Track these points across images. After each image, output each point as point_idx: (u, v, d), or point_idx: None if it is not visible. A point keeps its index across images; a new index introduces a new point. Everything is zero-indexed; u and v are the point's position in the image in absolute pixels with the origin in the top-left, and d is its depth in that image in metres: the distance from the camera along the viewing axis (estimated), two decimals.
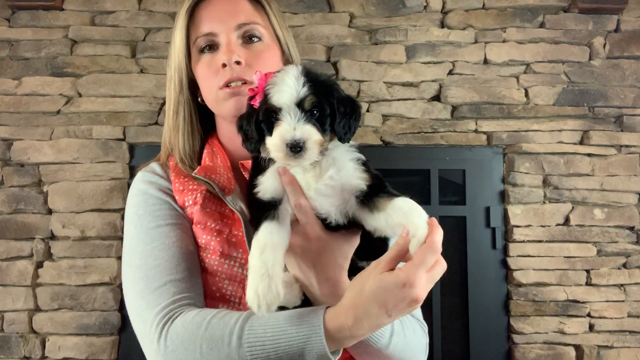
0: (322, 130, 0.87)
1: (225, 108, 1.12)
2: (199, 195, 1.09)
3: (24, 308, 2.49)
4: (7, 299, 2.49)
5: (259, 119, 0.89)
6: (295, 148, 0.83)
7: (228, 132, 1.19)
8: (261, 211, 0.89)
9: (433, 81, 2.70)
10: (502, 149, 2.66)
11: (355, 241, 0.94)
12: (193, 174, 1.09)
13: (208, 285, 1.04)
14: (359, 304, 0.82)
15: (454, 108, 2.68)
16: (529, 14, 2.74)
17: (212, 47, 1.13)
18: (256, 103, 0.89)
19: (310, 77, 0.88)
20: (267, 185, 0.90)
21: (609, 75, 2.70)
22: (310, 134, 0.85)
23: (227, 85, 1.10)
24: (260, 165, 0.93)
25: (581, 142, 2.66)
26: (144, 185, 1.13)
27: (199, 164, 1.15)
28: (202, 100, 1.19)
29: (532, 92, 2.68)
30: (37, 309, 2.50)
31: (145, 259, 1.01)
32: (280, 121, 0.86)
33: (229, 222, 1.08)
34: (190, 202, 1.09)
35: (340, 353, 0.89)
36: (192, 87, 1.18)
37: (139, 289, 0.99)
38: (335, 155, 0.90)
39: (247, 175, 1.06)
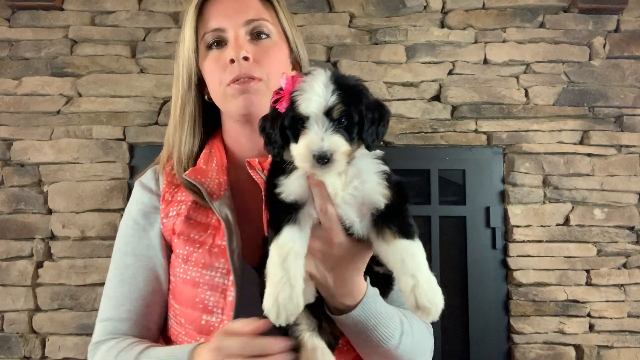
0: (349, 139, 0.84)
1: (233, 106, 1.11)
2: (184, 207, 1.09)
3: (24, 308, 2.49)
4: (7, 299, 2.49)
5: (284, 125, 0.86)
6: (323, 160, 0.81)
7: (234, 131, 1.18)
8: (283, 213, 0.86)
9: (433, 81, 2.70)
10: (502, 149, 2.66)
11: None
12: (183, 176, 1.09)
13: (190, 297, 1.05)
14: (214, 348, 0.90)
15: (454, 108, 2.68)
16: (529, 14, 2.74)
17: (220, 43, 1.12)
18: (281, 107, 0.86)
19: (339, 83, 0.85)
20: (292, 188, 0.88)
21: (609, 75, 2.70)
22: (338, 145, 0.82)
23: (235, 81, 1.09)
24: (281, 167, 0.90)
25: (581, 142, 2.66)
26: (132, 205, 1.18)
27: (194, 166, 1.15)
28: (209, 98, 1.17)
29: (532, 92, 2.68)
30: (37, 309, 2.50)
31: (109, 283, 1.15)
32: (307, 130, 0.83)
33: (213, 232, 1.07)
34: (175, 213, 1.10)
35: None
36: (199, 85, 1.17)
37: (100, 308, 1.15)
38: (361, 166, 0.88)
39: (253, 174, 1.05)
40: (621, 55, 2.72)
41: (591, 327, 2.55)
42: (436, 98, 2.69)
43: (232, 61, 1.08)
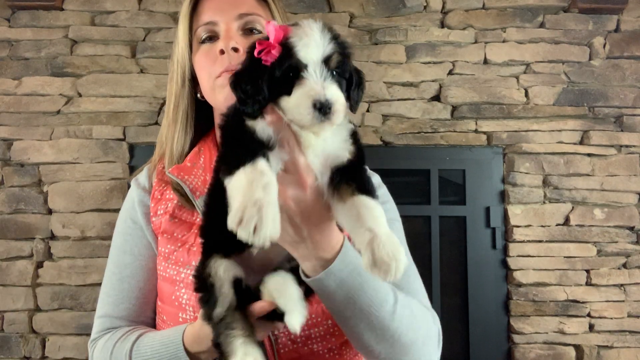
0: (344, 94, 0.80)
1: (221, 96, 1.08)
2: (170, 205, 1.10)
3: (24, 308, 2.49)
4: (7, 299, 2.49)
5: (273, 76, 0.79)
6: (324, 109, 0.75)
7: None
8: (254, 146, 0.79)
9: (433, 81, 2.70)
10: (502, 149, 2.66)
11: None
12: (167, 173, 1.09)
13: (168, 294, 1.07)
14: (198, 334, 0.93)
15: (454, 108, 2.68)
16: (529, 14, 2.74)
17: (213, 37, 1.11)
18: (268, 58, 0.79)
19: (334, 33, 0.80)
20: (265, 127, 0.81)
21: (609, 75, 2.70)
22: (338, 95, 0.77)
23: (224, 72, 1.07)
24: (240, 131, 0.82)
25: (581, 142, 2.66)
26: (128, 204, 1.19)
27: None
28: (202, 96, 1.16)
29: (532, 92, 2.68)
30: (37, 309, 2.50)
31: (107, 281, 1.17)
32: (304, 79, 0.77)
33: (196, 231, 1.07)
34: (162, 211, 1.11)
35: None
36: (193, 83, 1.17)
37: (98, 305, 1.16)
38: None
39: None
40: (621, 55, 2.72)
41: (591, 327, 2.55)
42: (436, 98, 2.69)
43: (222, 52, 1.07)
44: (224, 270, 0.86)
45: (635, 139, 2.66)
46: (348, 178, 0.81)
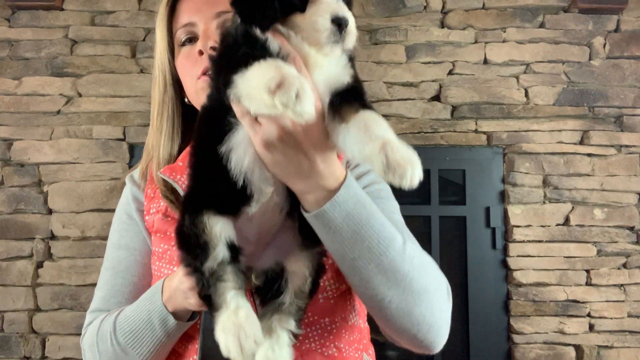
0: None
1: (204, 99, 1.08)
2: (163, 203, 1.07)
3: (24, 308, 2.49)
4: (7, 299, 2.49)
5: None
6: (342, 26, 0.73)
7: None
8: (264, 52, 0.73)
9: (433, 81, 2.70)
10: (502, 149, 2.66)
11: None
12: (158, 173, 1.05)
13: None
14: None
15: (454, 108, 2.68)
16: (529, 14, 2.74)
17: (192, 39, 1.08)
18: None
19: None
20: (274, 41, 0.76)
21: (609, 75, 2.70)
22: (350, 15, 0.75)
23: (204, 73, 1.04)
24: (249, 39, 0.76)
25: (581, 142, 2.66)
26: (123, 199, 1.19)
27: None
28: (189, 100, 1.13)
29: (532, 92, 2.68)
30: (37, 309, 2.50)
31: (101, 276, 1.15)
32: None
33: None
34: (154, 210, 1.09)
35: (194, 319, 0.96)
36: (179, 88, 1.13)
37: (92, 301, 1.14)
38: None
39: None
40: (621, 55, 2.72)
41: (591, 327, 2.55)
42: (436, 98, 2.69)
43: (201, 53, 1.04)
44: (220, 228, 0.80)
45: (635, 139, 2.66)
46: (350, 99, 0.76)
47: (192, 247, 0.81)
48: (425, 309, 0.87)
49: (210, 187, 0.81)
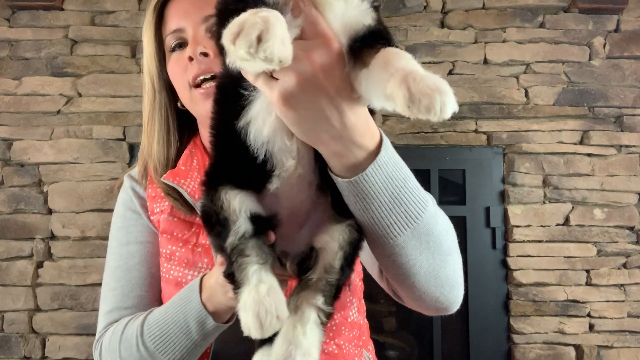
0: None
1: (200, 109, 1.04)
2: (167, 203, 1.05)
3: (24, 308, 2.49)
4: (7, 299, 2.49)
5: None
6: None
7: (207, 134, 1.14)
8: (257, 3, 0.64)
9: None
10: (502, 149, 2.66)
11: None
12: (161, 179, 1.03)
13: (172, 296, 1.00)
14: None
15: None
16: (529, 14, 2.74)
17: (182, 45, 1.06)
18: None
19: None
20: None
21: (609, 75, 2.70)
22: None
23: (195, 79, 1.02)
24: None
25: (581, 142, 2.66)
26: (125, 196, 1.14)
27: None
28: (182, 105, 1.11)
29: (532, 92, 2.68)
30: (37, 309, 2.50)
31: (110, 278, 1.08)
32: None
33: (197, 230, 1.03)
34: (158, 210, 1.06)
35: (231, 320, 0.88)
36: (172, 93, 1.11)
37: (100, 307, 1.07)
38: None
39: None
40: (621, 55, 2.72)
41: (591, 327, 2.55)
42: None
43: (191, 59, 1.02)
44: (240, 202, 0.75)
45: (635, 139, 2.66)
46: (372, 42, 0.66)
47: (215, 225, 0.77)
48: (449, 270, 0.83)
49: (229, 164, 0.76)
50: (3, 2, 2.63)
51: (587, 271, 2.58)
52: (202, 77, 1.01)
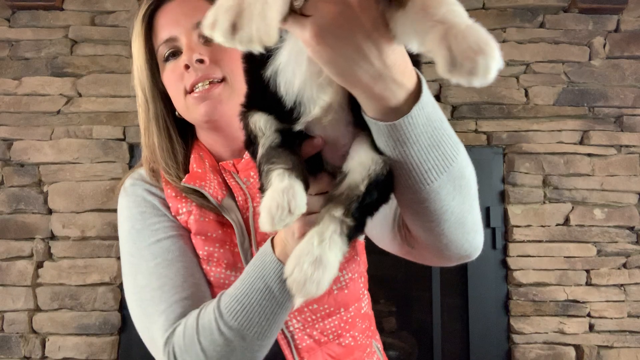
0: None
1: (195, 114, 1.02)
2: (190, 203, 1.01)
3: (24, 308, 2.49)
4: (7, 299, 2.49)
5: None
6: None
7: (207, 139, 1.10)
8: None
9: (433, 81, 2.70)
10: (502, 149, 2.66)
11: None
12: (182, 183, 1.00)
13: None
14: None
15: (454, 108, 2.69)
16: (529, 14, 2.74)
17: (176, 53, 1.04)
18: None
19: None
20: None
21: (609, 75, 2.70)
22: None
23: (193, 86, 1.00)
24: None
25: (581, 142, 2.66)
26: (137, 196, 1.06)
27: (185, 173, 1.05)
28: (180, 115, 1.09)
29: (532, 92, 2.68)
30: (37, 309, 2.50)
31: (149, 279, 0.96)
32: None
33: (228, 230, 1.00)
34: (185, 209, 1.01)
35: None
36: (168, 102, 1.09)
37: (149, 311, 0.94)
38: None
39: (228, 177, 1.03)
40: (621, 55, 2.72)
41: (591, 327, 2.55)
42: (436, 98, 2.69)
43: (187, 67, 1.00)
44: (266, 121, 0.73)
45: (635, 139, 2.66)
46: None
47: (249, 147, 0.77)
48: (475, 215, 0.80)
49: (260, 101, 0.75)
50: (3, 2, 2.63)
51: (587, 271, 2.58)
52: (199, 85, 1.00)
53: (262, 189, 0.72)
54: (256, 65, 0.72)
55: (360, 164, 0.71)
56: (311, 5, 0.60)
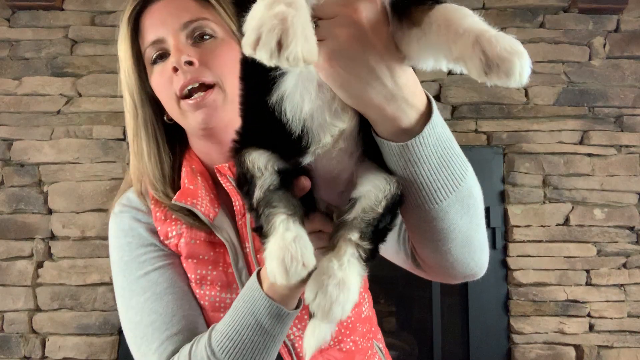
0: None
1: (193, 121, 0.99)
2: (180, 226, 0.98)
3: (24, 308, 2.49)
4: (7, 299, 2.49)
5: None
6: None
7: (202, 147, 1.06)
8: None
9: (433, 81, 2.70)
10: (502, 149, 2.66)
11: None
12: (173, 201, 0.97)
13: (212, 322, 0.94)
14: None
15: (454, 108, 2.69)
16: (529, 14, 2.74)
17: (164, 56, 1.00)
18: None
19: None
20: None
21: (609, 75, 2.70)
22: None
23: (183, 90, 0.96)
24: None
25: (581, 142, 2.66)
26: (124, 224, 1.05)
27: (173, 189, 1.01)
28: (169, 119, 1.05)
29: (532, 92, 2.68)
30: (37, 309, 2.50)
31: (141, 315, 0.96)
32: None
33: (221, 250, 0.98)
34: (175, 232, 0.98)
35: (300, 304, 0.82)
36: (157, 106, 1.05)
37: (142, 350, 0.95)
38: None
39: (223, 181, 0.99)
40: (621, 55, 2.72)
41: (591, 327, 2.55)
42: (436, 98, 2.69)
43: (176, 70, 0.96)
44: (266, 160, 0.72)
45: (635, 139, 2.66)
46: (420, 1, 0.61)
47: (243, 186, 0.75)
48: (481, 234, 0.81)
49: (259, 135, 0.74)
50: (3, 2, 2.63)
51: (587, 271, 2.58)
52: (189, 87, 0.96)
53: (260, 232, 0.72)
54: (259, 91, 0.71)
55: (374, 187, 0.72)
56: (324, 29, 0.61)
